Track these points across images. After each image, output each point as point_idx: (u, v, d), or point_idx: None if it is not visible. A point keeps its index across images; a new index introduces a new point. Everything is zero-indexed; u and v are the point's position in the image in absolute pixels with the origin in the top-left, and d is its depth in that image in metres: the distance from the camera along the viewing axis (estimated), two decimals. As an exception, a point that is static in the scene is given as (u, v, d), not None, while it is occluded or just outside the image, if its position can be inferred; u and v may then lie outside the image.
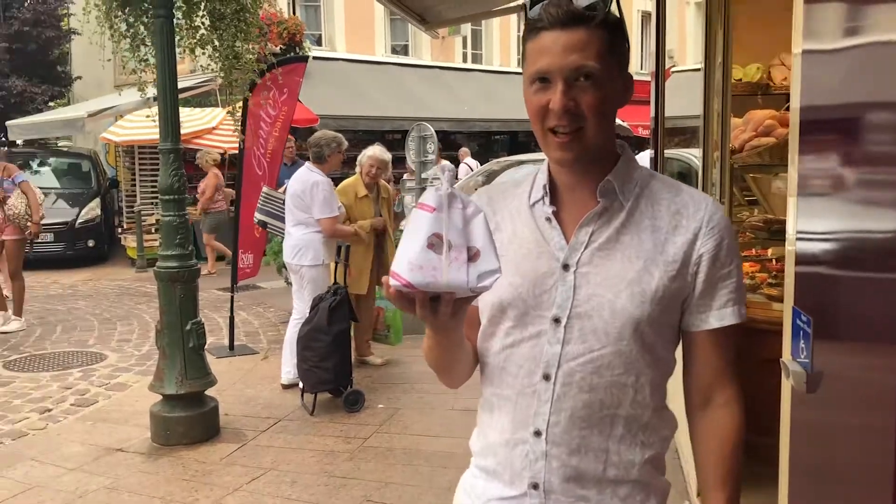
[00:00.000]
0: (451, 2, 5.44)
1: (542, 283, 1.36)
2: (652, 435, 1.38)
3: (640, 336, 1.32)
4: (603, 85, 1.29)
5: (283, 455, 4.41)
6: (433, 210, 1.18)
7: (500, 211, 1.46)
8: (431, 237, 1.16)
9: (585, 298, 1.33)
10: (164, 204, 4.63)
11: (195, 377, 4.62)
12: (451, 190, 1.19)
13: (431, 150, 8.30)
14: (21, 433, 4.80)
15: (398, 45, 18.76)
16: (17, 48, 15.49)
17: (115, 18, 4.49)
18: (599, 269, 1.33)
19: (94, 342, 7.08)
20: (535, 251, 1.39)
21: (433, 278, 1.15)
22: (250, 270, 7.02)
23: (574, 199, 1.40)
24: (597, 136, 1.32)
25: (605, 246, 1.35)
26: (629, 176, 1.38)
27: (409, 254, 1.16)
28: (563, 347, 1.34)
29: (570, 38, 1.28)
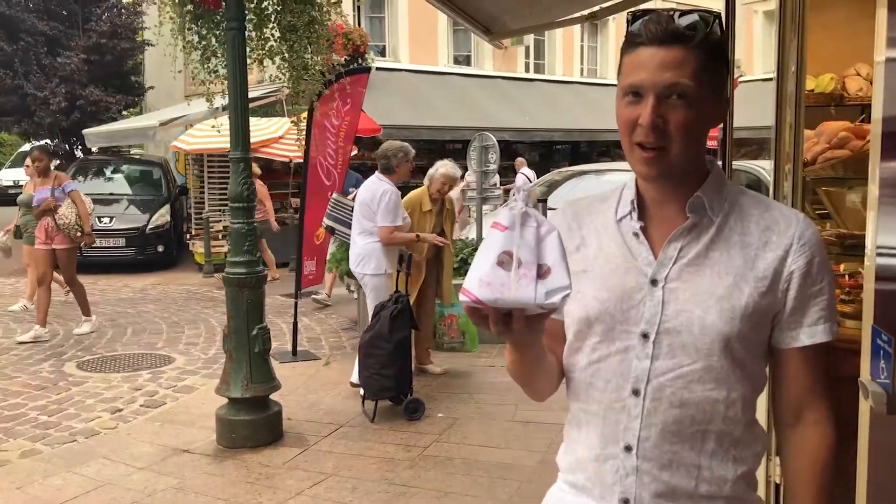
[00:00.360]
0: (516, 13, 5.44)
1: (629, 299, 1.37)
2: (744, 450, 1.37)
3: (730, 352, 1.32)
4: (695, 104, 1.29)
5: (345, 461, 4.46)
6: (505, 229, 1.21)
7: (585, 225, 1.48)
8: (501, 255, 1.19)
9: (674, 314, 1.33)
10: (233, 211, 4.74)
11: (260, 381, 4.71)
12: (525, 209, 1.22)
13: (493, 159, 8.29)
14: (93, 431, 4.96)
15: (460, 56, 18.86)
16: (94, 59, 16.06)
17: (187, 31, 4.62)
18: (688, 285, 1.34)
19: (162, 345, 7.28)
20: (622, 266, 1.39)
21: (501, 294, 1.18)
22: (313, 277, 7.13)
23: (662, 215, 1.40)
24: (683, 155, 1.32)
25: (694, 262, 1.35)
26: (718, 192, 1.38)
27: (480, 271, 1.20)
28: (651, 363, 1.34)
29: (666, 56, 1.29)
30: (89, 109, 15.73)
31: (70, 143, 16.94)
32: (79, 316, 7.92)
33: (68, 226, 7.51)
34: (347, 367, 6.32)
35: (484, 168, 8.39)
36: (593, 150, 20.03)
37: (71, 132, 16.26)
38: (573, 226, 1.49)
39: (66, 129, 16.09)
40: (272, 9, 4.74)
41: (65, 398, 5.60)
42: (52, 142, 17.03)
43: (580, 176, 10.92)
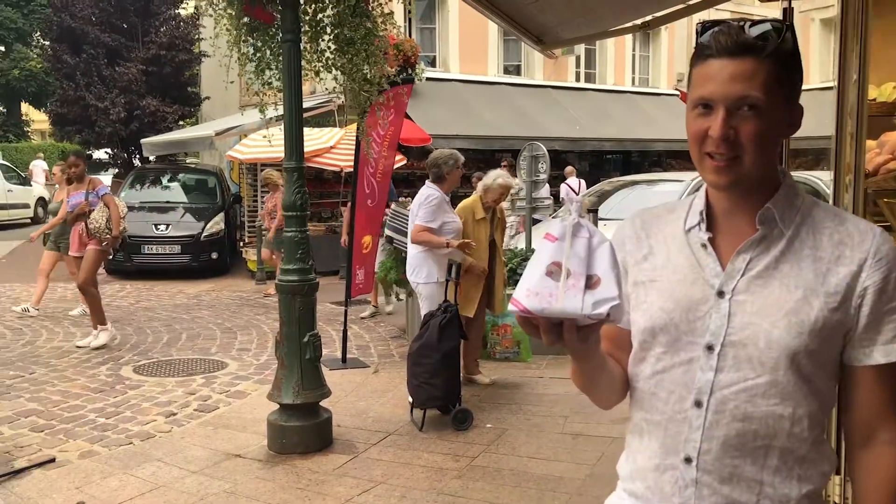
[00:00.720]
0: (569, 23, 5.43)
1: (695, 310, 1.37)
2: (810, 469, 1.35)
3: (797, 367, 1.30)
4: (766, 116, 1.29)
5: (393, 469, 4.47)
6: (556, 239, 1.23)
7: (654, 235, 1.48)
8: (550, 265, 1.22)
9: (740, 326, 1.32)
10: (287, 220, 4.81)
11: (311, 388, 4.76)
12: (577, 220, 1.24)
13: (543, 169, 8.27)
14: (149, 434, 5.06)
15: (511, 66, 18.86)
16: (152, 70, 16.49)
17: (242, 43, 4.71)
18: (756, 298, 1.32)
19: (215, 350, 7.41)
20: (689, 277, 1.39)
21: (548, 304, 1.20)
22: (363, 286, 7.18)
23: (731, 226, 1.39)
24: (753, 166, 1.31)
25: (763, 274, 1.33)
26: (790, 203, 1.36)
27: (529, 281, 1.22)
28: (716, 375, 1.34)
29: (736, 68, 1.28)
30: (147, 119, 16.15)
31: (128, 151, 17.38)
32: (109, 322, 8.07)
33: (99, 230, 7.45)
34: (396, 376, 6.37)
35: (534, 178, 8.37)
36: (645, 161, 19.84)
37: (129, 141, 16.72)
38: (641, 235, 1.50)
39: (125, 138, 16.54)
40: (328, 21, 4.80)
41: (122, 401, 5.73)
42: (112, 151, 17.51)
43: (631, 186, 10.83)
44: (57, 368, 6.61)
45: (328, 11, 4.84)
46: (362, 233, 7.00)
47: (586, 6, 5.09)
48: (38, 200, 22.24)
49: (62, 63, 16.33)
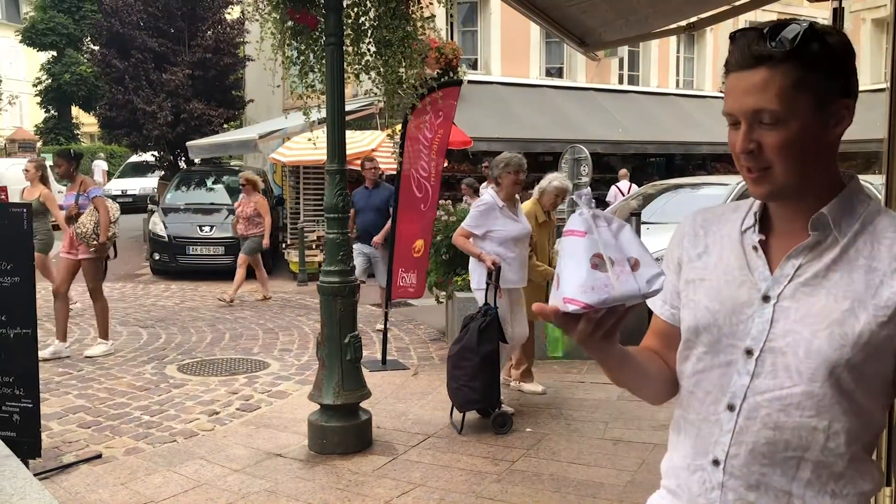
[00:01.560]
0: (613, 25, 5.38)
1: (739, 312, 1.35)
2: (846, 486, 1.31)
3: (836, 380, 1.26)
4: (787, 125, 1.26)
5: (432, 472, 4.47)
6: (584, 234, 1.24)
7: (711, 234, 1.47)
8: (593, 258, 1.22)
9: (781, 333, 1.30)
10: (328, 222, 4.85)
11: (351, 389, 4.79)
12: (593, 211, 1.26)
13: (585, 172, 8.23)
14: (192, 433, 5.14)
15: (553, 68, 18.78)
16: (198, 74, 16.76)
17: (287, 46, 4.76)
18: (801, 305, 1.29)
19: (258, 350, 7.49)
20: (738, 279, 1.38)
21: (608, 294, 1.21)
22: (413, 290, 7.18)
23: (786, 230, 1.36)
24: (788, 176, 1.29)
25: (811, 281, 1.30)
26: (850, 209, 1.32)
27: (577, 278, 1.22)
28: (751, 380, 1.32)
29: (749, 80, 1.27)
30: (193, 123, 16.40)
31: (175, 154, 17.68)
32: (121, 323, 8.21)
33: (85, 234, 6.92)
34: (436, 378, 6.37)
35: (576, 180, 8.34)
36: (688, 164, 19.59)
37: (176, 144, 16.99)
38: (700, 232, 1.48)
39: (172, 141, 16.82)
40: (369, 24, 4.83)
41: (166, 399, 5.83)
42: (158, 153, 17.82)
43: (675, 190, 10.68)
44: (104, 366, 6.75)
45: (370, 14, 4.88)
46: (413, 237, 7.01)
47: (630, 7, 5.04)
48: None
49: (111, 67, 16.68)
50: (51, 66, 30.09)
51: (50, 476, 4.35)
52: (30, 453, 4.22)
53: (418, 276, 7.14)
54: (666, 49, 20.22)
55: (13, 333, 4.12)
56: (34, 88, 31.30)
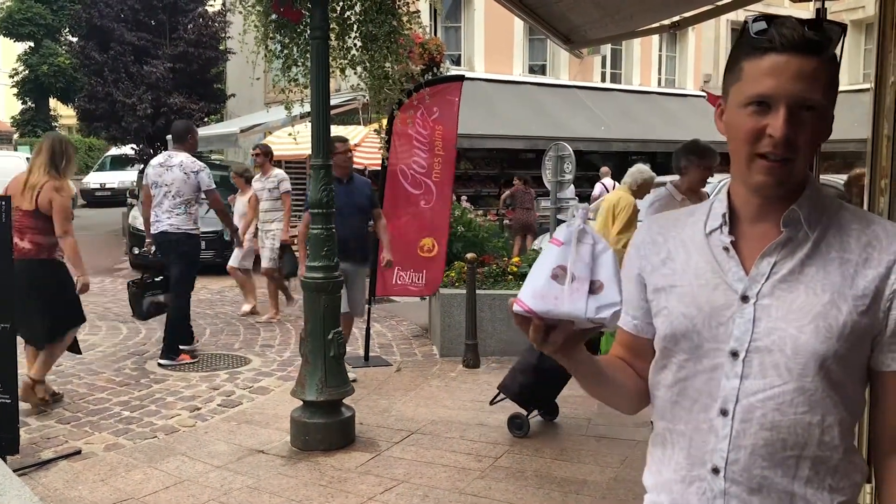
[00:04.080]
0: (598, 22, 5.39)
1: (718, 315, 1.33)
2: (842, 480, 1.31)
3: (827, 373, 1.26)
4: (820, 119, 1.27)
5: (416, 468, 4.46)
6: (561, 244, 1.25)
7: (671, 239, 1.45)
8: (556, 268, 1.24)
9: (766, 332, 1.29)
10: (313, 217, 4.82)
11: (334, 385, 4.77)
12: (582, 226, 1.26)
13: (569, 169, 8.24)
14: (173, 429, 5.09)
15: (536, 65, 18.80)
16: (179, 67, 16.61)
17: (269, 40, 4.73)
18: (781, 302, 1.29)
19: (239, 346, 7.44)
20: (711, 282, 1.36)
21: (553, 306, 1.22)
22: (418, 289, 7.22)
23: (755, 229, 1.36)
24: (802, 167, 1.29)
25: (788, 278, 1.30)
26: (816, 206, 1.33)
27: (534, 283, 1.25)
28: (741, 382, 1.31)
29: (802, 66, 1.24)
30: (173, 116, 16.26)
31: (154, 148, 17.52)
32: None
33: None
34: (418, 375, 6.36)
35: (559, 178, 8.34)
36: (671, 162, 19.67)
37: (156, 137, 16.83)
38: (658, 239, 1.46)
39: (152, 134, 16.66)
40: (355, 18, 4.81)
41: (146, 395, 5.77)
42: (138, 146, 17.65)
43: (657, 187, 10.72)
44: (83, 362, 6.66)
45: (356, 9, 4.85)
46: (415, 234, 6.99)
47: (615, 5, 5.05)
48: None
49: (90, 60, 16.50)
50: (28, 57, 29.72)
51: (28, 472, 4.29)
52: (8, 450, 4.18)
53: (429, 274, 7.10)
54: (648, 47, 20.30)
55: (-9, 328, 4.06)
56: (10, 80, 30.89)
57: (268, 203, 8.73)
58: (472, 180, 16.89)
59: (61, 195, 5.12)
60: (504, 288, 7.15)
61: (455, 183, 14.33)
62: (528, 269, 7.30)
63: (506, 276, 7.35)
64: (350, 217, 5.83)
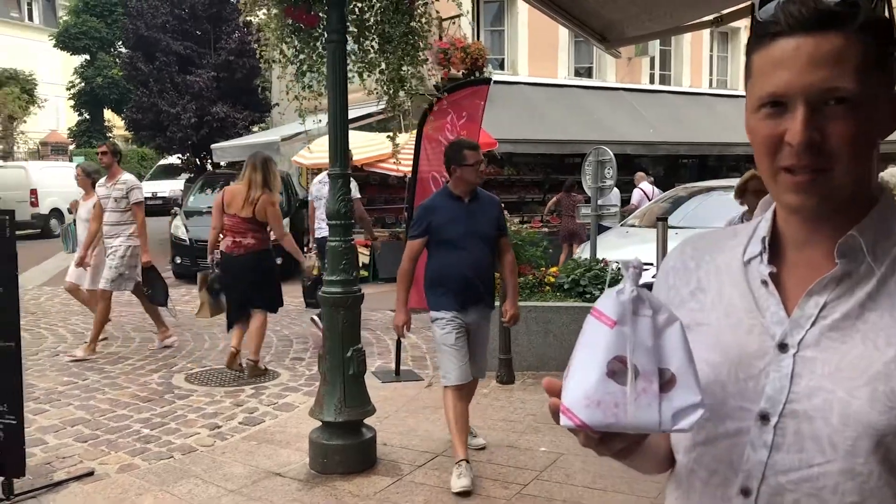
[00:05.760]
0: (635, 18, 5.07)
1: (748, 366, 1.04)
2: None
3: (886, 454, 0.95)
4: (862, 111, 0.95)
5: (437, 496, 4.20)
6: (614, 324, 0.93)
7: (705, 265, 1.16)
8: (612, 361, 0.93)
9: (806, 393, 0.99)
10: (331, 229, 4.61)
11: (353, 405, 4.53)
12: (636, 292, 0.94)
13: (610, 174, 7.87)
14: (191, 448, 4.92)
15: (581, 68, 18.41)
16: (223, 76, 16.69)
17: (284, 45, 4.54)
18: (830, 355, 0.99)
19: (270, 359, 7.28)
20: (744, 322, 1.07)
21: (615, 418, 0.92)
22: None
23: (804, 259, 1.06)
24: (849, 178, 0.97)
25: (842, 324, 0.99)
26: (888, 230, 1.01)
27: (585, 383, 0.93)
28: (770, 454, 1.01)
29: (818, 47, 0.95)
30: (216, 125, 16.35)
31: (200, 157, 17.65)
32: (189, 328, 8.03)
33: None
34: (449, 391, 6.10)
35: (600, 184, 8.00)
36: (723, 165, 19.08)
37: (200, 147, 16.94)
38: (690, 265, 1.17)
39: (196, 143, 16.77)
40: (373, 20, 4.59)
41: (168, 412, 5.63)
42: (183, 156, 17.80)
43: (707, 192, 10.29)
44: (110, 375, 6.58)
45: (375, 8, 4.63)
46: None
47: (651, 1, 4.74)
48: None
49: (137, 70, 16.70)
50: (84, 70, 30.40)
51: (37, 495, 4.16)
52: (14, 472, 4.04)
53: None
54: (699, 48, 19.72)
55: (-4, 346, 3.93)
56: (67, 92, 31.66)
57: (113, 214, 7.30)
58: (516, 186, 16.57)
59: (274, 207, 6.36)
60: (540, 299, 6.85)
61: (497, 189, 14.14)
62: (566, 280, 7.04)
63: (542, 286, 7.04)
64: (472, 248, 4.44)
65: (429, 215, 4.51)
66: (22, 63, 33.88)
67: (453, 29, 14.34)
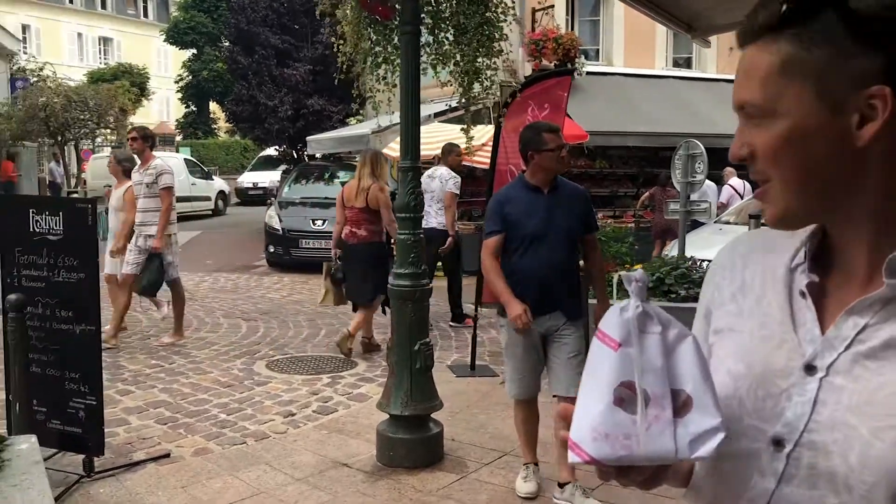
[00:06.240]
0: (721, 6, 4.84)
1: (770, 383, 0.94)
2: None
3: None
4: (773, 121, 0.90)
5: (500, 496, 4.13)
6: (618, 346, 0.85)
7: (752, 266, 1.05)
8: (619, 388, 0.85)
9: (828, 424, 0.88)
10: (400, 222, 4.60)
11: (420, 400, 4.51)
12: (641, 307, 0.87)
13: (700, 169, 7.57)
14: (264, 435, 5.02)
15: (680, 58, 17.83)
16: (319, 70, 17.00)
17: (359, 37, 4.54)
18: (861, 386, 0.87)
19: (349, 348, 7.35)
20: (776, 335, 0.96)
21: (626, 451, 0.84)
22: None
23: (850, 271, 0.94)
24: (793, 191, 0.91)
25: (881, 353, 0.87)
26: None
27: (591, 414, 0.86)
28: (778, 485, 0.91)
29: (741, 62, 0.96)
30: (311, 118, 16.68)
31: (296, 149, 18.06)
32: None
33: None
34: (524, 388, 6.00)
35: (690, 179, 7.70)
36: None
37: (297, 138, 17.33)
38: (738, 263, 1.07)
39: (293, 135, 17.16)
40: (448, 11, 4.53)
41: (246, 398, 5.76)
42: (280, 147, 18.27)
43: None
44: (195, 360, 6.80)
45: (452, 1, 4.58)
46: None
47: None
48: (218, 193, 23.78)
49: (237, 64, 17.23)
50: (191, 64, 31.67)
51: (116, 474, 4.33)
52: (95, 451, 4.21)
53: None
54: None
55: (79, 330, 4.10)
56: (176, 85, 33.05)
57: (146, 201, 7.16)
58: (608, 180, 16.20)
59: (383, 192, 6.89)
60: (624, 296, 6.65)
61: (588, 182, 13.88)
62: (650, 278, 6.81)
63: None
64: (551, 245, 3.93)
65: (502, 208, 4.00)
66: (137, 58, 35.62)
67: (546, 19, 14.13)
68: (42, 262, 4.11)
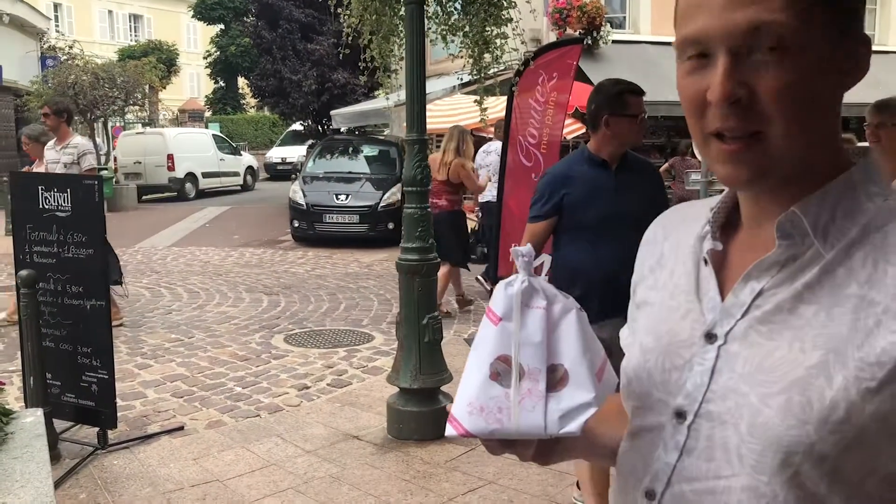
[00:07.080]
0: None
1: (675, 354, 0.90)
2: None
3: (794, 477, 0.77)
4: (802, 57, 0.78)
5: (508, 468, 4.13)
6: (499, 320, 0.85)
7: (671, 238, 1.02)
8: (495, 362, 0.85)
9: (722, 393, 0.84)
10: (407, 195, 4.57)
11: (429, 373, 4.52)
12: (527, 282, 0.85)
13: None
14: (277, 408, 5.07)
15: (710, 25, 17.46)
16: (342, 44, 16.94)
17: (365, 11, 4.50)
18: (754, 353, 0.83)
19: (367, 322, 7.39)
20: (683, 305, 0.93)
21: (499, 424, 0.85)
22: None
23: (754, 237, 0.90)
24: (790, 144, 0.80)
25: (773, 317, 0.83)
26: (847, 207, 0.83)
27: (469, 389, 0.87)
28: (680, 458, 0.87)
29: None
30: (336, 92, 16.65)
31: (320, 123, 18.07)
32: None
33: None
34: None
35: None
36: (863, 127, 17.67)
37: (322, 113, 17.33)
38: (658, 236, 1.05)
39: (318, 110, 17.17)
40: (454, -20, 4.47)
41: (262, 371, 5.82)
42: (305, 122, 18.28)
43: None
44: (215, 334, 6.87)
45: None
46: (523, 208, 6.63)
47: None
48: (247, 169, 23.93)
49: (261, 38, 17.22)
50: (219, 39, 31.74)
51: (130, 446, 4.40)
52: (108, 424, 4.28)
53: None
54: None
55: (89, 305, 4.16)
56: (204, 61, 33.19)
57: None
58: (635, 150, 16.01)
59: (465, 168, 7.35)
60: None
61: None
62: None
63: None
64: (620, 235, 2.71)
65: (562, 187, 3.22)
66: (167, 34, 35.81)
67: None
68: (52, 239, 4.16)
